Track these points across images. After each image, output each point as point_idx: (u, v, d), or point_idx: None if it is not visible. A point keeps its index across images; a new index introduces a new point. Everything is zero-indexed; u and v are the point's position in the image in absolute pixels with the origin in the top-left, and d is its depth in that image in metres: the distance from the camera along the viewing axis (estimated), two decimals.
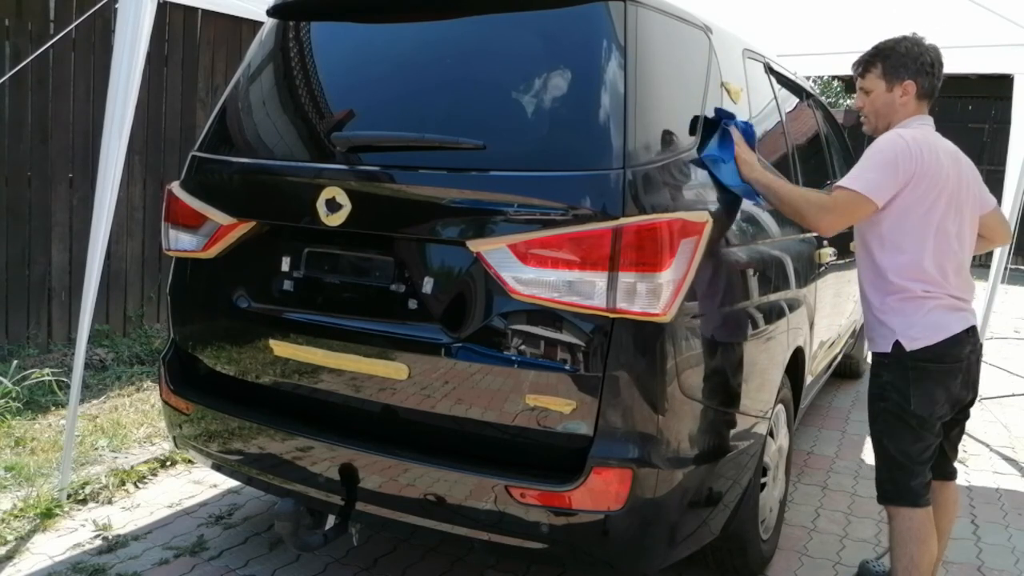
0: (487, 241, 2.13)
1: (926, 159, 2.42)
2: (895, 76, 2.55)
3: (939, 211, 2.45)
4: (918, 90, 2.55)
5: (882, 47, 2.60)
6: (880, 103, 2.59)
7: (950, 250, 2.48)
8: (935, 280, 2.46)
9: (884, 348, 2.51)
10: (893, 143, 2.45)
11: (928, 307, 2.45)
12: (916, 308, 2.46)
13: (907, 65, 2.55)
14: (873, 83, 2.60)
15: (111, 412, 4.30)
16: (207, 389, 2.68)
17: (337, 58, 2.66)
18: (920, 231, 2.44)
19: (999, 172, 5.69)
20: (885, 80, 2.57)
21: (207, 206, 2.57)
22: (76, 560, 2.87)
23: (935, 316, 2.46)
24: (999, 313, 8.17)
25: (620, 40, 2.20)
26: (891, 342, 2.48)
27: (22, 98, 4.86)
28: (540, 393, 2.12)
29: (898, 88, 2.55)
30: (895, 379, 2.48)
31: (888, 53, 2.57)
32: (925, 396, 2.46)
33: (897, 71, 2.55)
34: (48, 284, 5.11)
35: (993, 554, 3.30)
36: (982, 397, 5.60)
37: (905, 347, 2.45)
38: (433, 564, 2.93)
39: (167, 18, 5.46)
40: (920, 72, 2.55)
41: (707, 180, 2.43)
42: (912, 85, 2.55)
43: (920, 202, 2.42)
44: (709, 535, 2.47)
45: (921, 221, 2.43)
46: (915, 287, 2.45)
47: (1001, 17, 4.11)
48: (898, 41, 2.58)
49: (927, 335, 2.45)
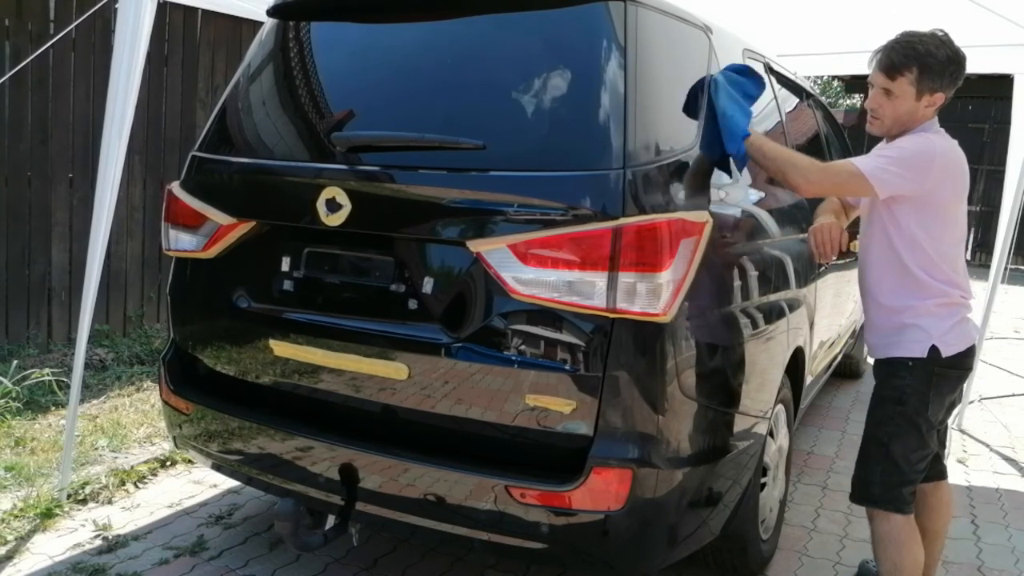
0: (487, 241, 2.13)
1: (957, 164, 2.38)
2: (929, 87, 2.37)
3: (963, 218, 2.45)
4: (944, 101, 2.42)
5: (921, 51, 2.36)
6: (904, 110, 2.41)
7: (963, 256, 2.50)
8: (965, 286, 2.47)
9: (916, 352, 2.43)
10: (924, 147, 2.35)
11: (962, 313, 2.46)
12: (953, 313, 2.43)
13: (943, 77, 2.37)
14: (903, 88, 2.38)
15: (111, 412, 4.30)
16: (207, 389, 2.68)
17: (337, 58, 2.66)
18: (956, 235, 2.44)
19: (999, 172, 5.69)
20: (916, 88, 2.37)
21: (207, 206, 2.57)
22: (76, 560, 2.87)
23: (966, 323, 2.47)
24: (999, 313, 8.16)
25: (620, 40, 2.20)
26: (927, 346, 2.41)
27: (22, 98, 4.86)
28: (540, 393, 2.12)
29: (927, 98, 2.39)
30: (918, 383, 2.43)
31: (928, 61, 2.35)
32: (940, 401, 2.45)
33: (933, 82, 2.37)
34: (48, 284, 5.11)
35: (993, 554, 3.30)
36: (982, 397, 5.61)
37: (942, 352, 2.41)
38: (433, 564, 2.93)
39: (167, 18, 5.46)
40: (953, 84, 2.40)
41: (707, 180, 2.43)
42: (942, 97, 2.40)
43: (956, 206, 2.41)
44: (709, 535, 2.47)
45: (956, 225, 2.43)
46: (954, 292, 2.43)
47: (1001, 17, 4.10)
48: (936, 46, 2.36)
49: (961, 341, 2.43)
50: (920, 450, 2.46)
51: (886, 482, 2.47)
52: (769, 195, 2.90)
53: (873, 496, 2.50)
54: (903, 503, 2.46)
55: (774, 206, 2.90)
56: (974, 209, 13.77)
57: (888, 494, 2.47)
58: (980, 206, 13.70)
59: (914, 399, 2.43)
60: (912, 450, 2.45)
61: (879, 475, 2.48)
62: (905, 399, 2.44)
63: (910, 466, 2.46)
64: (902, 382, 2.46)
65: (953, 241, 2.45)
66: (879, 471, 2.48)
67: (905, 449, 2.45)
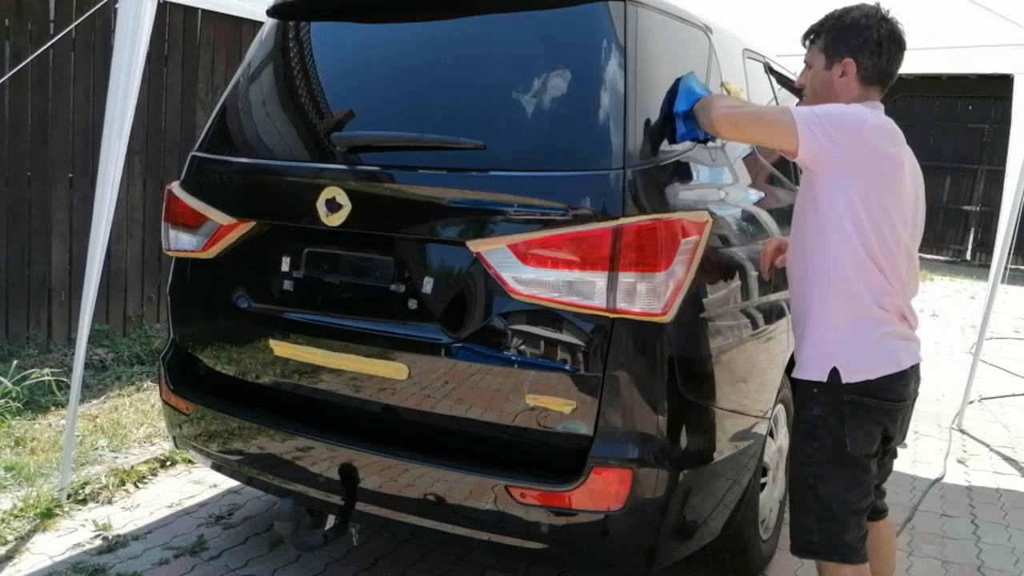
0: (487, 241, 2.13)
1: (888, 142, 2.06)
2: (835, 52, 2.18)
3: (902, 215, 2.09)
4: (859, 71, 2.16)
5: (830, 15, 2.22)
6: (817, 81, 2.22)
7: (903, 261, 2.11)
8: (894, 299, 2.09)
9: (815, 375, 2.11)
10: (852, 108, 2.08)
11: (882, 330, 2.08)
12: (866, 328, 2.06)
13: (847, 40, 2.16)
14: (813, 56, 2.24)
15: (111, 412, 4.29)
16: (207, 389, 2.68)
17: (337, 58, 2.66)
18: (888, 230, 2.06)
19: (999, 172, 5.70)
20: (825, 55, 2.20)
21: (207, 206, 2.57)
22: (76, 560, 2.87)
23: (886, 344, 2.08)
24: (999, 313, 8.16)
25: (620, 40, 2.20)
26: (826, 369, 2.08)
27: (22, 98, 4.86)
28: (540, 393, 2.12)
29: (837, 67, 2.18)
30: (827, 415, 2.09)
31: (831, 23, 2.20)
32: (862, 435, 2.09)
33: (837, 46, 2.17)
34: (48, 284, 5.11)
35: (993, 554, 3.30)
36: (982, 397, 5.60)
37: (843, 378, 2.07)
38: (433, 564, 2.93)
39: (167, 18, 5.45)
40: (862, 50, 2.15)
41: (708, 180, 2.43)
42: (852, 64, 2.16)
43: (891, 195, 2.06)
44: (709, 535, 2.47)
45: (887, 217, 2.05)
46: (868, 300, 2.06)
47: (1001, 17, 4.11)
48: (848, 10, 2.19)
49: (875, 365, 2.07)
50: (855, 489, 2.11)
51: (824, 529, 2.12)
52: (769, 195, 2.90)
53: (812, 546, 2.16)
54: (850, 551, 2.11)
55: (774, 206, 2.90)
56: (974, 209, 13.79)
57: (829, 543, 2.13)
58: (980, 206, 13.71)
59: (827, 433, 2.09)
60: (845, 490, 2.10)
61: (813, 522, 2.14)
62: (818, 433, 2.11)
63: (847, 508, 2.11)
64: (811, 413, 2.13)
65: (884, 236, 2.06)
66: (811, 518, 2.14)
67: (836, 491, 2.10)
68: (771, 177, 3.03)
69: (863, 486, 2.13)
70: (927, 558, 3.21)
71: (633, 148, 2.12)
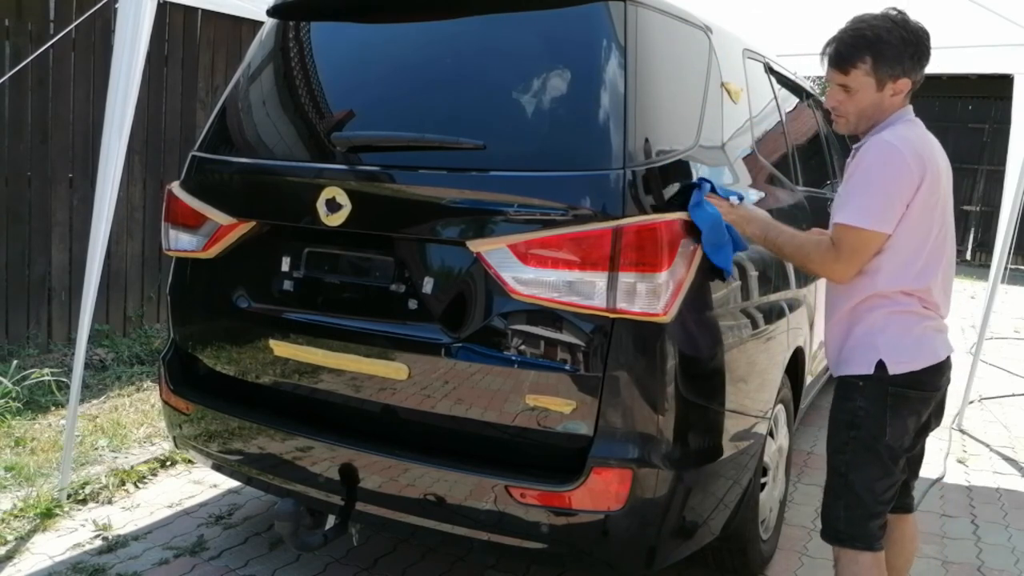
0: (487, 241, 2.13)
1: (926, 163, 2.09)
2: (888, 73, 2.12)
3: (937, 217, 2.13)
4: (912, 87, 2.17)
5: (871, 37, 2.12)
6: (867, 103, 2.16)
7: (943, 262, 2.18)
8: (934, 297, 2.17)
9: (863, 370, 2.17)
10: (889, 157, 2.07)
11: (923, 325, 2.16)
12: (908, 325, 2.15)
13: (902, 60, 2.11)
14: (859, 81, 2.14)
15: (111, 412, 4.29)
16: (207, 389, 2.68)
17: (337, 58, 2.66)
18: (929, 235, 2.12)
19: (999, 172, 5.70)
20: (875, 78, 2.13)
21: (207, 206, 2.57)
22: (76, 560, 2.87)
23: (929, 337, 2.17)
24: (999, 313, 8.16)
25: (620, 40, 2.20)
26: (873, 362, 2.15)
27: (22, 98, 4.86)
28: (540, 393, 2.12)
29: (890, 87, 2.14)
30: (870, 405, 2.16)
31: (880, 47, 2.11)
32: (902, 426, 2.17)
33: (892, 68, 2.12)
34: (48, 284, 5.11)
35: (993, 554, 3.30)
36: (982, 397, 5.60)
37: (889, 370, 2.13)
38: (433, 564, 2.93)
39: (167, 18, 5.45)
40: (915, 67, 2.13)
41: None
42: (907, 83, 2.15)
43: (921, 204, 2.10)
44: (709, 535, 2.47)
45: (919, 224, 2.10)
46: (909, 300, 2.14)
47: (1001, 17, 4.11)
48: (887, 29, 2.11)
49: (917, 358, 2.15)
50: (884, 479, 2.18)
51: (850, 517, 2.20)
52: (769, 195, 2.90)
53: (838, 534, 2.22)
54: (872, 539, 2.19)
55: (774, 206, 2.89)
56: (974, 209, 13.79)
57: (853, 530, 2.20)
58: (980, 206, 13.72)
59: (868, 423, 2.16)
60: (875, 479, 2.18)
61: (841, 510, 2.22)
62: (858, 423, 2.18)
63: (874, 497, 2.18)
64: (853, 404, 2.19)
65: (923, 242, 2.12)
66: (840, 505, 2.22)
67: (866, 479, 2.18)
68: (771, 177, 3.03)
69: (891, 478, 2.20)
70: (927, 558, 3.21)
71: (633, 148, 2.12)
